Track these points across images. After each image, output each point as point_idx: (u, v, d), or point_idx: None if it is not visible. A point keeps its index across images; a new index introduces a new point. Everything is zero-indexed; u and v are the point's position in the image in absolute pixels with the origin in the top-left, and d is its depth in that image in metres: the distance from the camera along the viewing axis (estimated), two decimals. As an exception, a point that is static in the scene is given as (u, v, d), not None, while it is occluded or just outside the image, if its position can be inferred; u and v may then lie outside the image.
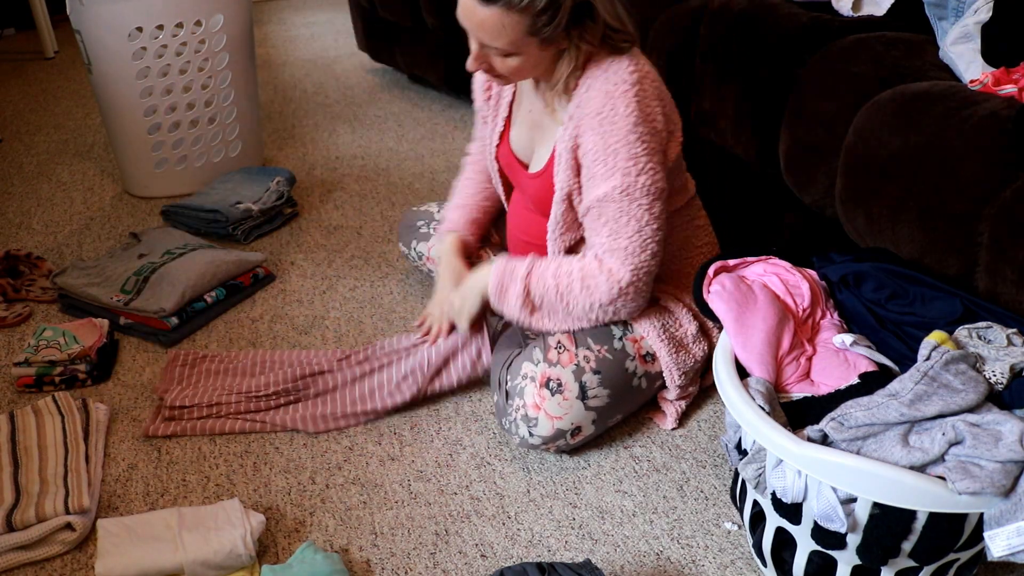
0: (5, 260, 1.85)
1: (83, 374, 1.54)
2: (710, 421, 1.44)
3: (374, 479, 1.33)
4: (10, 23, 3.88)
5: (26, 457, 1.32)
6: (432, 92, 3.04)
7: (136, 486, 1.32)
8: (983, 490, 0.86)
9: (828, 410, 1.02)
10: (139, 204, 2.25)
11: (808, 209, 1.52)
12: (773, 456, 1.00)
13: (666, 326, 1.37)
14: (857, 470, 0.92)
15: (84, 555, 1.20)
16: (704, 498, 1.28)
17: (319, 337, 1.68)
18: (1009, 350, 0.99)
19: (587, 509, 1.27)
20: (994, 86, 1.24)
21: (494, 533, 1.23)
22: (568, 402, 1.29)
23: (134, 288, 1.70)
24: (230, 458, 1.38)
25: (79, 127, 2.81)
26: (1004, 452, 0.87)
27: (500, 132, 1.47)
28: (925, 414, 0.94)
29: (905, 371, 1.01)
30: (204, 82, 2.19)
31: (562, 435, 1.30)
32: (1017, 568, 1.14)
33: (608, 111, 1.22)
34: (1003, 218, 1.08)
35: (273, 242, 2.05)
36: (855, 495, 0.94)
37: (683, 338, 1.38)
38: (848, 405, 0.99)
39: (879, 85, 1.33)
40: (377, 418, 1.44)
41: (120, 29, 2.02)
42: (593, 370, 1.31)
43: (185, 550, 1.14)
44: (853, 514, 0.95)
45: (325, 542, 1.22)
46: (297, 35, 3.87)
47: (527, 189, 1.43)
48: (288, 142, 2.65)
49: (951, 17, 1.38)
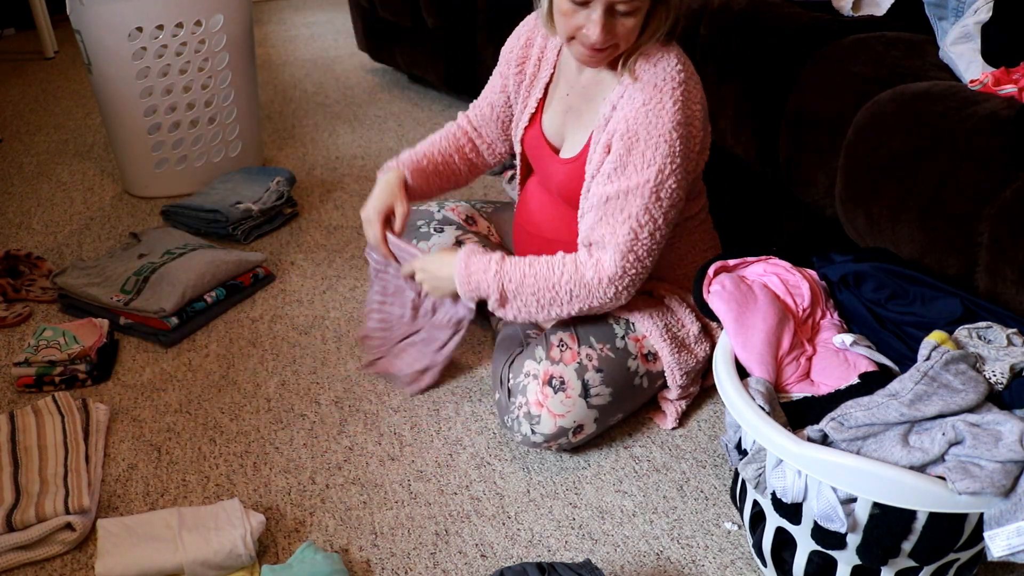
0: (5, 260, 1.85)
1: (83, 374, 1.54)
2: (710, 421, 1.44)
3: (374, 479, 1.33)
4: (10, 23, 3.87)
5: (26, 457, 1.32)
6: (432, 92, 3.04)
7: (136, 486, 1.32)
8: (983, 490, 0.86)
9: (828, 410, 1.02)
10: (139, 204, 2.25)
11: (808, 209, 1.52)
12: (773, 456, 1.00)
13: (669, 326, 1.37)
14: (857, 470, 0.92)
15: (84, 555, 1.20)
16: (704, 498, 1.28)
17: (319, 337, 1.68)
18: (1009, 350, 0.99)
19: (587, 509, 1.27)
20: (994, 86, 1.24)
21: (494, 533, 1.23)
22: (571, 400, 1.29)
23: (134, 288, 1.70)
24: (230, 458, 1.38)
25: (79, 127, 2.81)
26: (1004, 452, 0.87)
27: (531, 115, 1.44)
28: (925, 414, 0.94)
29: (905, 371, 1.01)
30: (204, 82, 2.19)
31: (564, 433, 1.30)
32: (1017, 568, 1.14)
33: (655, 104, 1.20)
34: (1003, 218, 1.08)
35: (273, 242, 2.05)
36: (855, 495, 0.94)
37: (685, 338, 1.38)
38: (848, 405, 0.99)
39: (879, 85, 1.33)
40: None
41: (120, 29, 2.02)
42: (596, 368, 1.31)
43: (185, 550, 1.14)
44: (853, 514, 0.95)
45: (325, 542, 1.22)
46: (297, 35, 3.87)
47: (555, 175, 1.39)
48: (288, 142, 2.65)
49: (951, 17, 1.38)
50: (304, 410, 1.49)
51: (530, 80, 1.45)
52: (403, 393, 1.52)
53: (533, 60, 1.44)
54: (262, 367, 1.60)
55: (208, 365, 1.61)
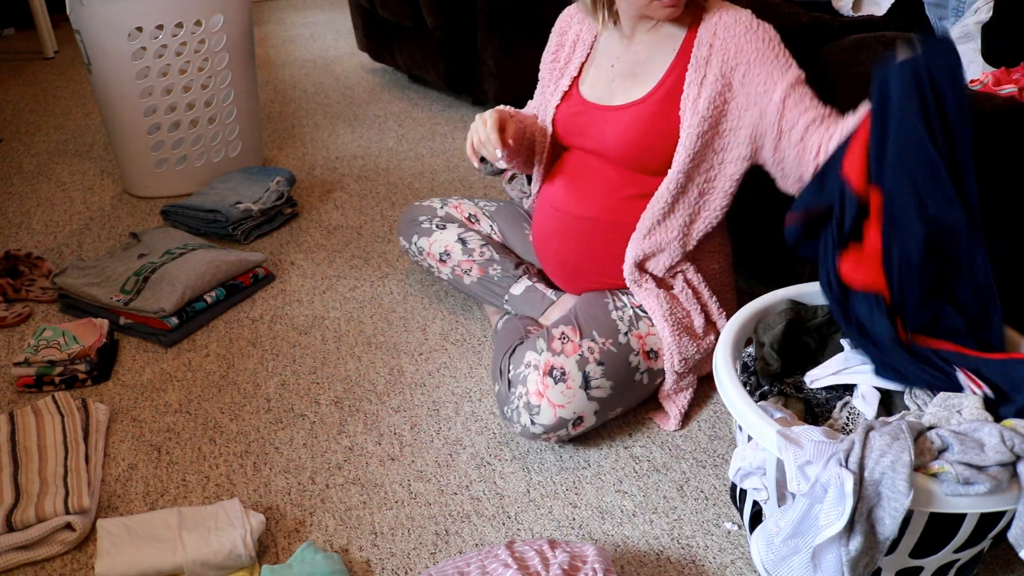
0: (5, 260, 1.85)
1: (83, 374, 1.54)
2: (710, 421, 1.44)
3: (374, 479, 1.33)
4: (10, 23, 3.88)
5: (26, 457, 1.32)
6: (432, 92, 3.04)
7: (136, 486, 1.32)
8: (979, 490, 0.87)
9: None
10: (139, 204, 2.25)
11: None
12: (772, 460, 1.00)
13: (673, 310, 1.38)
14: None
15: (84, 555, 1.20)
16: (704, 498, 1.28)
17: (319, 337, 1.68)
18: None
19: (587, 509, 1.27)
20: (994, 86, 1.24)
21: (494, 533, 1.23)
22: (571, 391, 1.29)
23: (134, 288, 1.70)
24: (230, 458, 1.38)
25: (79, 127, 2.81)
26: (992, 456, 0.89)
27: (565, 91, 1.45)
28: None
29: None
30: (204, 82, 2.19)
31: (564, 424, 1.30)
32: (1017, 568, 1.14)
33: (757, 28, 1.28)
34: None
35: (273, 242, 2.05)
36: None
37: (689, 325, 1.39)
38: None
39: (879, 85, 1.33)
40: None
41: (120, 29, 2.02)
42: (597, 361, 1.31)
43: (185, 550, 1.14)
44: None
45: (325, 542, 1.22)
46: (297, 35, 3.87)
47: (615, 124, 1.36)
48: (288, 142, 2.65)
49: (951, 17, 1.38)
50: (304, 410, 1.49)
51: (564, 63, 1.48)
52: (403, 393, 1.52)
53: (568, 46, 1.49)
54: (262, 367, 1.60)
55: (208, 365, 1.61)
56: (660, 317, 1.36)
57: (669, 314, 1.37)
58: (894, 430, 0.91)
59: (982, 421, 0.93)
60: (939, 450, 0.91)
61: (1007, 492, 0.89)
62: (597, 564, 1.04)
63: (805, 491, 0.91)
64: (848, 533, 0.89)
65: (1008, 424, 0.93)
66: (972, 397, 1.00)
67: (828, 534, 0.89)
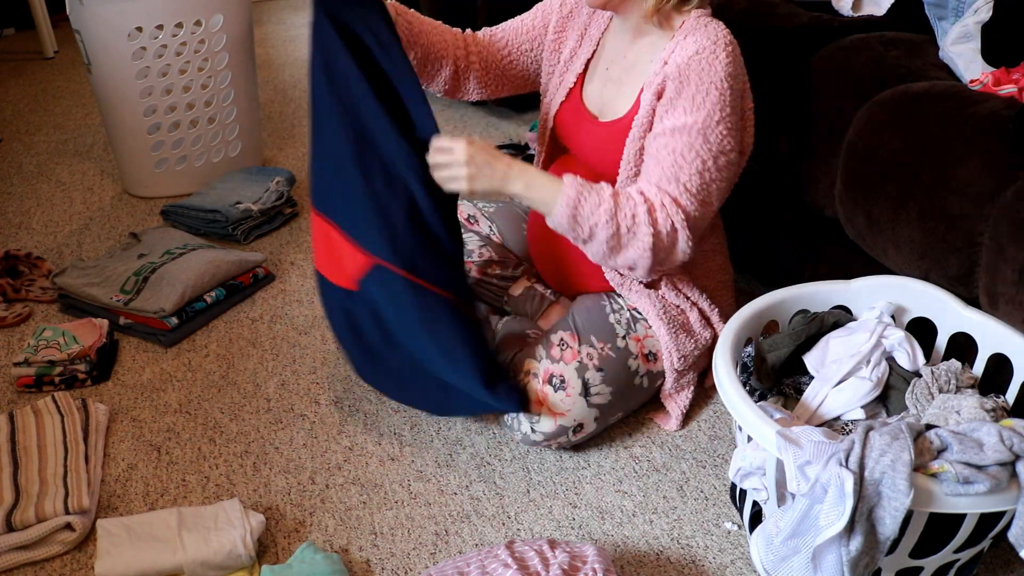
0: (5, 260, 1.85)
1: (83, 374, 1.54)
2: (710, 421, 1.44)
3: (374, 479, 1.33)
4: (10, 23, 3.87)
5: (26, 457, 1.32)
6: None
7: (136, 486, 1.32)
8: (979, 489, 0.87)
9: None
10: (139, 204, 2.25)
11: (808, 209, 1.52)
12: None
13: (667, 308, 1.37)
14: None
15: (84, 555, 1.20)
16: (704, 498, 1.28)
17: (319, 337, 1.68)
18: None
19: (587, 509, 1.27)
20: (994, 86, 1.24)
21: (494, 533, 1.23)
22: (571, 398, 1.29)
23: (134, 288, 1.70)
24: (230, 458, 1.38)
25: (79, 127, 2.81)
26: (991, 455, 0.89)
27: (569, 89, 1.43)
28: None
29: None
30: (204, 82, 2.19)
31: (564, 431, 1.30)
32: (1017, 568, 1.14)
33: (708, 54, 1.21)
34: (1003, 218, 1.08)
35: (273, 242, 2.05)
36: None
37: (684, 322, 1.39)
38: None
39: (879, 85, 1.33)
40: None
41: (120, 29, 2.02)
42: (596, 367, 1.31)
43: (185, 550, 1.14)
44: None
45: (325, 542, 1.22)
46: (297, 35, 3.87)
47: (592, 139, 1.37)
48: (288, 142, 2.65)
49: (951, 17, 1.38)
50: (304, 410, 1.49)
51: (570, 55, 1.45)
52: (403, 393, 1.52)
53: (575, 35, 1.45)
54: (262, 367, 1.60)
55: (208, 365, 1.61)
56: (655, 316, 1.36)
57: (663, 313, 1.36)
58: (894, 430, 0.91)
59: (981, 421, 0.93)
60: (938, 450, 0.91)
61: (1007, 492, 0.89)
62: (597, 564, 1.04)
63: (805, 491, 0.91)
64: (848, 533, 0.89)
65: (1007, 424, 0.93)
66: (971, 398, 1.00)
67: (828, 534, 0.89)
